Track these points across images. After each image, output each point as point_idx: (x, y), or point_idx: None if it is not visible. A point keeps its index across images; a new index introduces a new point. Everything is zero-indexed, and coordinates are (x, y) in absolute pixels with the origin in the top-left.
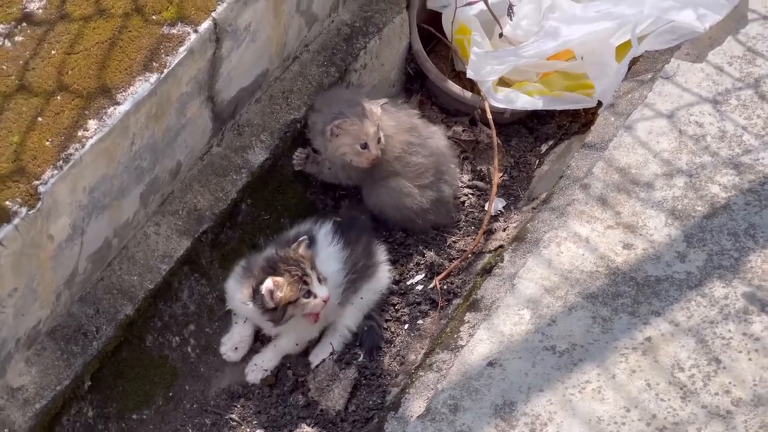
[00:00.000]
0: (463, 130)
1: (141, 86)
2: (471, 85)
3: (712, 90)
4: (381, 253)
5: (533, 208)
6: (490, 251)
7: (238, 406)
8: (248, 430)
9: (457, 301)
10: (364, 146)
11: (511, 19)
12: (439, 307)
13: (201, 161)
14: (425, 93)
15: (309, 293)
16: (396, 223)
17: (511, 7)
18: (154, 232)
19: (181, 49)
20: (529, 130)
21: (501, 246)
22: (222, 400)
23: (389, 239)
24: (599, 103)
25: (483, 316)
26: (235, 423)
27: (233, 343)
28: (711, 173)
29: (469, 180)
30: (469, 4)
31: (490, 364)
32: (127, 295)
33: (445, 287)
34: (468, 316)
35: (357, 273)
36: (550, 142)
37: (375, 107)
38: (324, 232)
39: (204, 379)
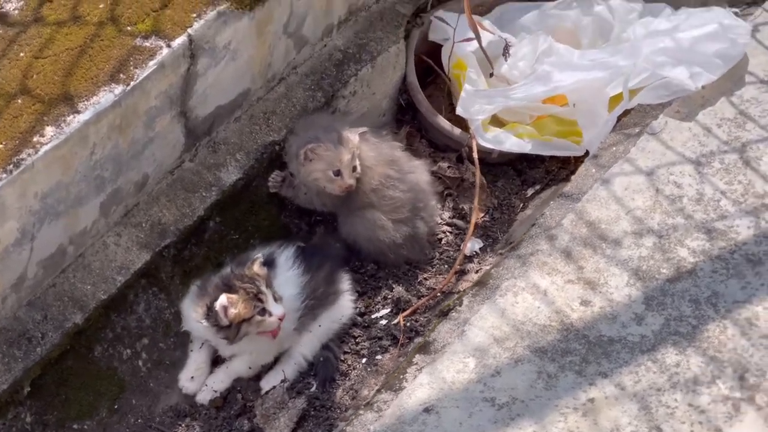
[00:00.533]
0: (449, 167)
1: (104, 97)
2: (463, 122)
3: (697, 151)
4: (345, 282)
5: (500, 253)
6: (458, 292)
7: (183, 425)
8: None
9: (418, 340)
10: (337, 173)
11: (506, 60)
12: (399, 344)
13: (171, 175)
14: (416, 125)
15: (264, 311)
16: (368, 255)
17: (507, 47)
18: (114, 243)
19: (151, 62)
20: (518, 173)
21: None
22: (168, 417)
23: (360, 270)
24: (587, 152)
25: (430, 360)
26: None
27: (189, 373)
28: (682, 236)
29: (449, 217)
30: (466, 40)
31: (427, 410)
32: (78, 303)
33: (408, 324)
34: (417, 358)
35: (316, 300)
36: (537, 187)
37: (353, 135)
38: (285, 255)
39: (153, 394)
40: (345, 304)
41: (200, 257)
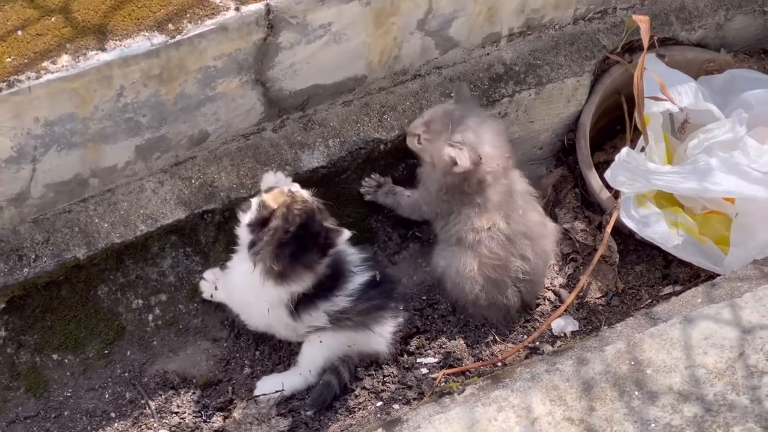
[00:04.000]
0: (583, 230)
1: (139, 43)
2: None
3: None
4: (386, 325)
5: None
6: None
7: (163, 396)
8: (155, 423)
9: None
10: (477, 161)
11: (677, 137)
12: (422, 402)
13: (245, 139)
14: (575, 171)
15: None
16: (449, 296)
17: (686, 122)
18: (151, 189)
19: (209, 21)
20: (665, 263)
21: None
22: (154, 382)
23: (434, 304)
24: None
25: None
26: (148, 412)
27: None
28: (734, 420)
29: (558, 284)
30: (655, 98)
31: None
32: (87, 238)
33: (445, 383)
34: None
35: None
36: (677, 288)
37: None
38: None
39: (152, 353)
40: (379, 341)
41: None
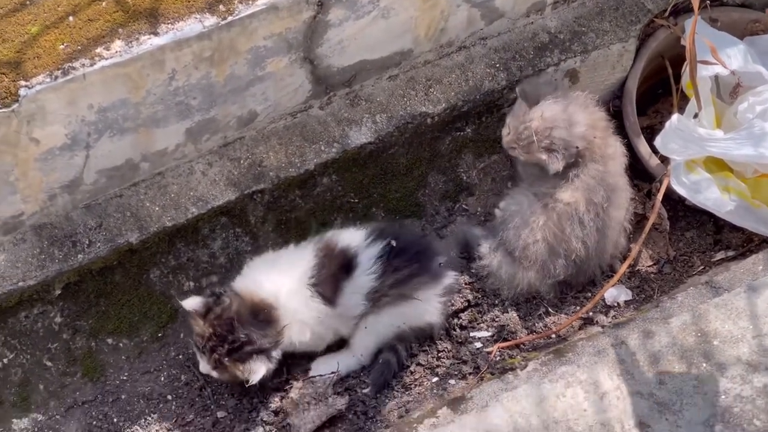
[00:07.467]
0: (632, 199)
1: (190, 25)
2: None
3: None
4: (432, 288)
5: (601, 326)
6: (571, 341)
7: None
8: (212, 405)
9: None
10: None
11: (726, 101)
12: (479, 376)
13: (292, 118)
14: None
15: None
16: (501, 241)
17: (738, 86)
18: (201, 171)
19: (261, 1)
20: (716, 228)
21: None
22: None
23: (485, 277)
24: None
25: (443, 422)
26: (205, 394)
27: None
28: None
29: (610, 255)
30: (705, 62)
31: None
32: (139, 222)
33: (500, 357)
34: (442, 412)
35: (386, 297)
36: (730, 254)
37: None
38: (369, 255)
39: None
40: (427, 310)
41: (303, 211)
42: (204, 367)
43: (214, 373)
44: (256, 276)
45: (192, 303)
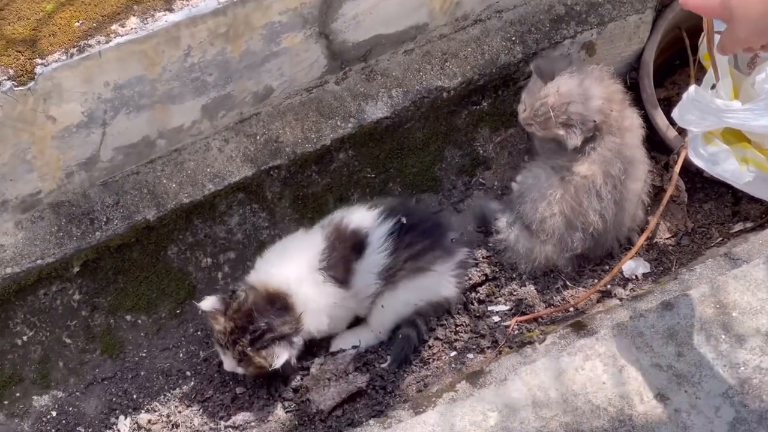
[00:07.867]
0: (649, 170)
1: (206, 1)
2: None
3: None
4: (447, 262)
5: (619, 298)
6: (589, 314)
7: None
8: (231, 382)
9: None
10: (590, 128)
11: (747, 73)
12: (497, 350)
13: (308, 93)
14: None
15: None
16: (518, 215)
17: (755, 57)
18: (217, 147)
19: None
20: (734, 200)
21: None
22: None
23: (502, 251)
24: None
25: (462, 396)
26: (224, 371)
27: None
28: None
29: (627, 228)
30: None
31: None
32: (156, 199)
33: (518, 331)
34: (461, 386)
35: (401, 271)
36: (748, 225)
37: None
38: (379, 234)
39: None
40: (443, 284)
41: (320, 186)
42: (228, 364)
43: (239, 369)
44: (268, 268)
45: (210, 303)
